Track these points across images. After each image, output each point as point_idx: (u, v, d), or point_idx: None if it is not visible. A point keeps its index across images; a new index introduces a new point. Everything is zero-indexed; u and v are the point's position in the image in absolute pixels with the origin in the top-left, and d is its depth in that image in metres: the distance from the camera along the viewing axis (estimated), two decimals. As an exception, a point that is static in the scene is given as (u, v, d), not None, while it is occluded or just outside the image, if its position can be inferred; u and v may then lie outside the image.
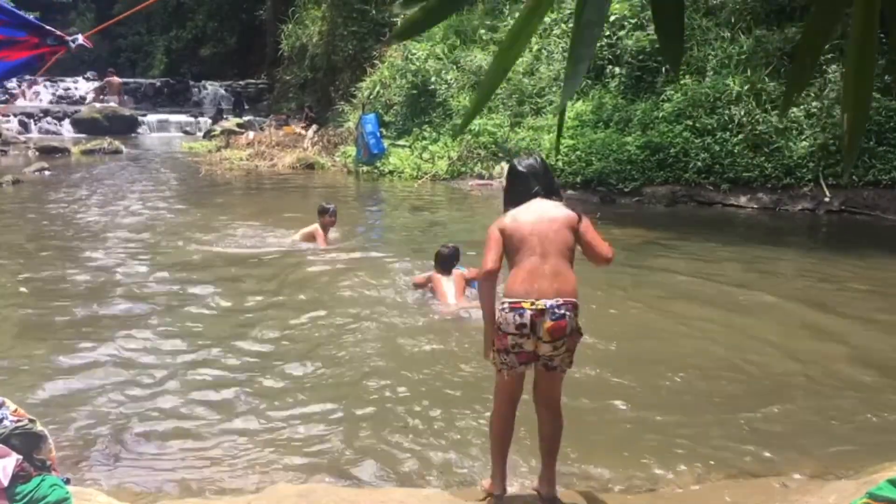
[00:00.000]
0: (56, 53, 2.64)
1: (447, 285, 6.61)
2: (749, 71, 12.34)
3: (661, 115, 12.69)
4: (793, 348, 5.70)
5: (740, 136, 11.94)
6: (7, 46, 2.52)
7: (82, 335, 5.80)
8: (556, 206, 3.48)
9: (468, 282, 6.63)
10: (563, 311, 3.28)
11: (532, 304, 3.27)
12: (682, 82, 12.82)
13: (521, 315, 3.27)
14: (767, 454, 4.16)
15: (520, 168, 3.61)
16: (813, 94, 11.83)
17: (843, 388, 5.05)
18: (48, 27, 2.60)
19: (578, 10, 1.08)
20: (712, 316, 6.36)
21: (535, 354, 3.36)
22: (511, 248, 3.41)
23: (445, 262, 6.74)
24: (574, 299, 3.36)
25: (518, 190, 3.55)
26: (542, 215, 3.42)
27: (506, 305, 3.33)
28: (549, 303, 3.28)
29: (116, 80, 26.52)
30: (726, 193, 11.97)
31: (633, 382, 5.02)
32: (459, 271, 6.75)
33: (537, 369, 3.45)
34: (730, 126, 12.06)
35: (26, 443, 3.09)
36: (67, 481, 3.18)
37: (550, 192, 3.55)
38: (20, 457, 3.00)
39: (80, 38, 2.62)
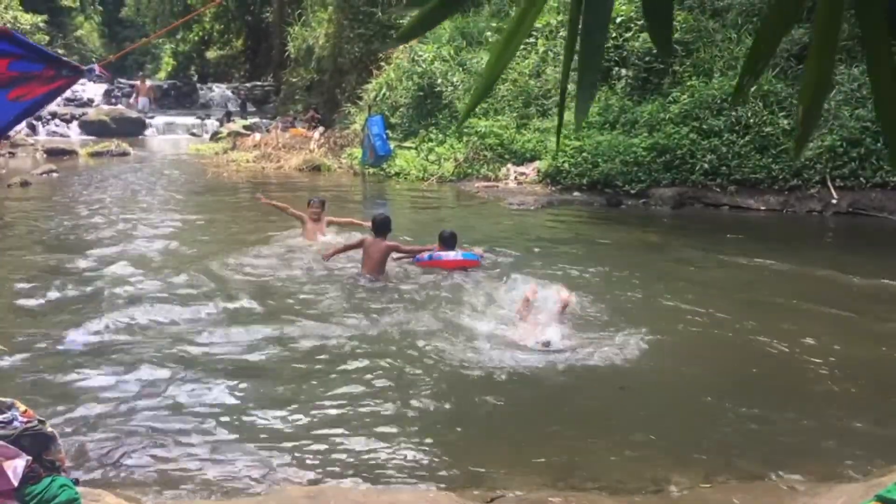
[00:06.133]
0: (72, 85, 2.63)
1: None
2: (756, 72, 12.29)
3: (667, 116, 12.68)
4: (801, 351, 5.68)
5: (747, 138, 11.92)
6: (24, 83, 2.49)
7: (91, 337, 5.82)
8: None
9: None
10: None
11: None
12: (688, 84, 12.81)
13: None
14: (776, 456, 4.15)
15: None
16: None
17: (852, 391, 5.03)
18: (64, 58, 2.58)
19: (574, 13, 1.08)
20: (721, 319, 6.34)
21: None
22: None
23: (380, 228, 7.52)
24: None
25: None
26: None
27: None
28: None
29: (141, 83, 26.79)
30: (733, 195, 11.94)
31: (640, 384, 5.02)
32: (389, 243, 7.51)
33: None
34: (737, 127, 12.04)
35: (36, 444, 3.10)
36: (77, 482, 3.19)
37: None
38: (30, 458, 3.01)
39: (97, 69, 2.61)
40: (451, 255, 7.67)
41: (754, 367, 5.35)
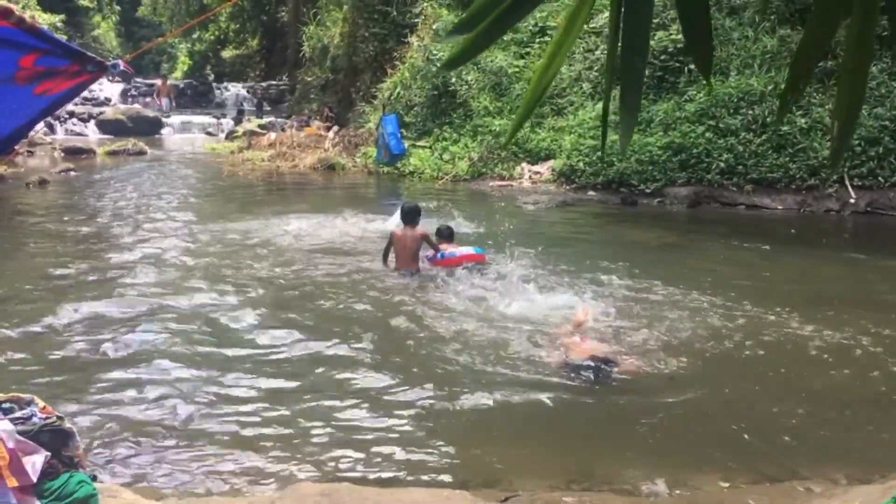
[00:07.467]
0: (96, 80, 2.64)
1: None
2: (773, 71, 12.22)
3: (683, 115, 12.61)
4: (819, 351, 5.64)
5: (764, 137, 11.83)
6: (49, 78, 2.50)
7: (108, 334, 5.87)
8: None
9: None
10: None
11: None
12: (704, 82, 12.73)
13: None
14: (792, 457, 4.12)
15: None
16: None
17: (870, 391, 4.99)
18: (89, 53, 2.59)
19: (613, 31, 1.06)
20: (737, 319, 6.30)
21: None
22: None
23: (407, 217, 7.62)
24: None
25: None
26: None
27: None
28: None
29: (162, 83, 27.04)
30: (750, 194, 11.86)
31: (655, 385, 5.00)
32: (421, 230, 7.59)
33: None
34: (753, 126, 11.95)
35: (55, 439, 3.14)
36: (94, 478, 3.22)
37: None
38: (49, 453, 3.04)
39: (121, 64, 2.62)
40: (464, 250, 7.74)
41: (771, 367, 5.32)
